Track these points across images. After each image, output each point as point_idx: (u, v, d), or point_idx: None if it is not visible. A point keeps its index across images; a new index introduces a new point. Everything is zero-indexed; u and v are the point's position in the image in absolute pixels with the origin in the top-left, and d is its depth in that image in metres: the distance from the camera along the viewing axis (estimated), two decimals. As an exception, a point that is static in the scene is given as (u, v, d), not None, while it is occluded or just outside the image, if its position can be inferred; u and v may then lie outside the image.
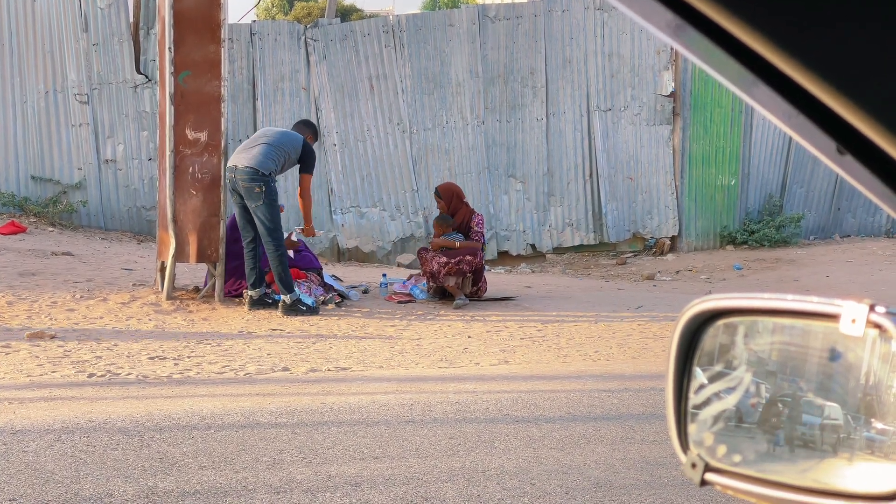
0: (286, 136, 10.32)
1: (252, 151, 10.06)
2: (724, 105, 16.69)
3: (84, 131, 14.82)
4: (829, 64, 0.94)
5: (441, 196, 11.62)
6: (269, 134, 10.37)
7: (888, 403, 1.16)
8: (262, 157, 10.03)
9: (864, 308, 1.12)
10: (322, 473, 5.02)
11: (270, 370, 7.87)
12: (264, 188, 9.99)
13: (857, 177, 1.04)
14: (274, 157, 10.09)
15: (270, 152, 10.07)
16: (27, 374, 7.35)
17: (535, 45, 16.22)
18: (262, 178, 10.00)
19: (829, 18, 0.92)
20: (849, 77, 0.94)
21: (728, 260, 15.89)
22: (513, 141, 16.23)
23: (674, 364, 1.29)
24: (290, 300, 10.13)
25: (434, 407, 6.52)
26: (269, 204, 10.03)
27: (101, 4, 14.79)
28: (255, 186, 9.97)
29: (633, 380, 7.65)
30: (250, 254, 10.17)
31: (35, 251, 12.24)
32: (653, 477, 5.13)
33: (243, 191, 9.99)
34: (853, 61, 0.94)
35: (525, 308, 11.34)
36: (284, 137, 10.29)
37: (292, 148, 10.23)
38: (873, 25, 0.92)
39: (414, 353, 8.78)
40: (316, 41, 15.59)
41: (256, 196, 9.98)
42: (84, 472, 4.90)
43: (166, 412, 6.19)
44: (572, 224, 16.50)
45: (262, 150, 10.06)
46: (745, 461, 1.25)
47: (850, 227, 18.13)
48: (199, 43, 10.18)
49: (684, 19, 0.98)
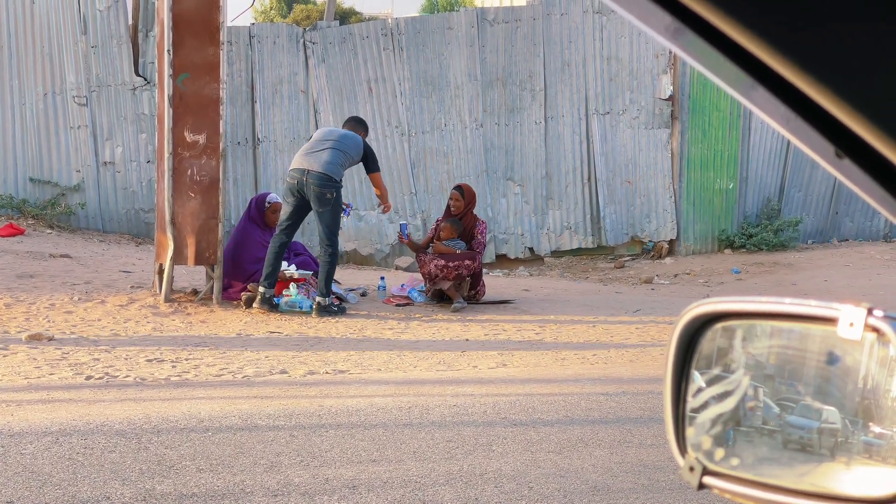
0: (348, 139, 10.42)
1: (322, 156, 10.14)
2: (722, 109, 16.70)
3: (82, 133, 14.81)
4: (827, 67, 0.94)
5: (463, 194, 11.58)
6: (334, 137, 10.42)
7: (886, 407, 1.16)
8: (334, 163, 10.17)
9: (863, 312, 1.12)
10: (320, 476, 5.02)
11: (268, 373, 7.87)
12: (335, 194, 10.18)
13: (856, 181, 1.04)
14: (343, 162, 10.27)
15: (339, 158, 10.22)
16: (25, 377, 7.35)
17: (534, 49, 16.22)
18: (335, 184, 10.18)
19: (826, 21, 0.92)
20: (847, 80, 0.94)
21: (726, 263, 15.89)
22: (511, 144, 16.23)
23: (672, 367, 1.29)
24: (325, 303, 10.31)
25: (432, 410, 6.52)
26: (336, 209, 10.26)
27: (100, 7, 14.79)
28: (328, 192, 10.13)
29: (631, 383, 7.65)
30: (278, 251, 10.22)
31: (33, 253, 12.23)
32: (651, 480, 5.14)
33: (314, 195, 10.10)
34: (851, 64, 0.94)
35: (523, 311, 11.34)
36: (347, 140, 10.40)
37: (355, 150, 10.38)
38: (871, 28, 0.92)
39: (412, 355, 8.78)
40: (315, 44, 15.60)
41: (327, 202, 10.15)
42: (81, 475, 4.90)
43: (164, 415, 6.18)
44: (570, 227, 16.50)
45: (333, 156, 10.17)
46: (743, 465, 1.25)
47: (848, 230, 18.12)
48: (198, 45, 10.18)
49: (682, 22, 0.98)
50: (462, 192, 11.59)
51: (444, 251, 11.25)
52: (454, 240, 11.37)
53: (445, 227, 11.49)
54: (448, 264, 11.05)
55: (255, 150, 15.38)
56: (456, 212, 11.55)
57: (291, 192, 10.22)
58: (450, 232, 11.40)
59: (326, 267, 10.27)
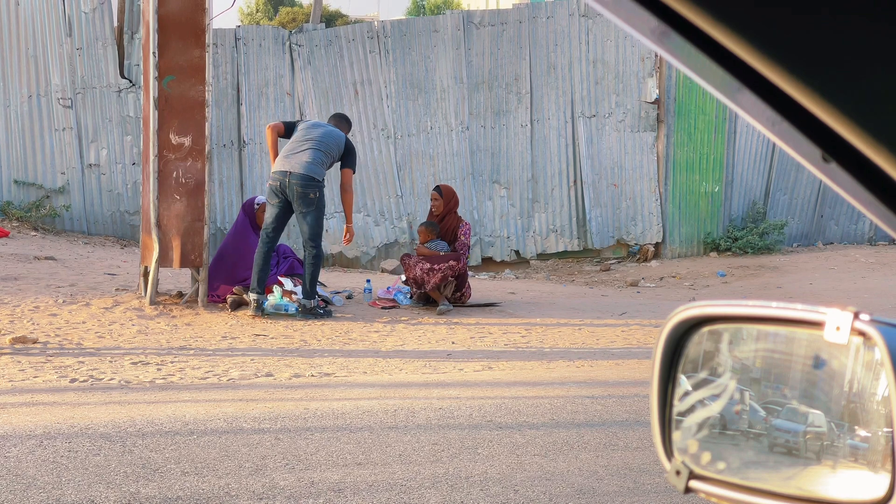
0: (330, 136, 10.37)
1: (303, 157, 10.11)
2: (707, 112, 16.74)
3: (68, 136, 14.76)
4: (813, 70, 0.94)
5: (442, 194, 11.59)
6: (314, 136, 10.33)
7: (871, 411, 1.16)
8: (315, 163, 10.14)
9: (849, 316, 1.12)
10: (305, 479, 5.01)
11: (254, 375, 7.86)
12: (318, 194, 10.15)
13: (842, 184, 1.04)
14: (323, 161, 10.24)
15: (320, 157, 10.20)
16: (9, 380, 7.32)
17: (520, 52, 16.24)
18: (318, 184, 10.16)
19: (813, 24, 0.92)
20: (834, 83, 0.94)
21: (712, 267, 15.93)
22: (497, 147, 16.24)
23: (658, 371, 1.29)
24: (310, 305, 10.31)
25: (418, 413, 6.51)
26: (319, 210, 10.24)
27: (86, 9, 14.75)
28: (311, 193, 10.11)
29: (617, 386, 7.66)
30: (265, 257, 10.18)
31: (17, 255, 12.19)
32: (636, 484, 5.14)
33: (298, 196, 10.07)
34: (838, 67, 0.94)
35: (509, 314, 11.34)
36: (328, 138, 10.35)
37: (336, 148, 10.36)
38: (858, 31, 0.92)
39: (398, 358, 8.77)
40: (301, 46, 15.58)
41: (310, 202, 10.11)
42: (66, 478, 4.88)
43: (149, 418, 6.17)
44: (556, 230, 16.51)
45: (314, 156, 10.14)
46: (729, 468, 1.25)
47: (833, 234, 18.18)
48: (184, 48, 10.17)
49: (669, 25, 0.97)
50: (441, 192, 11.61)
51: (427, 254, 11.25)
52: (435, 241, 11.37)
53: (421, 231, 11.53)
54: (433, 267, 11.04)
55: (241, 152, 15.36)
56: (437, 212, 11.56)
57: (275, 194, 10.20)
58: (426, 234, 11.42)
59: (311, 269, 10.25)
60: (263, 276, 10.21)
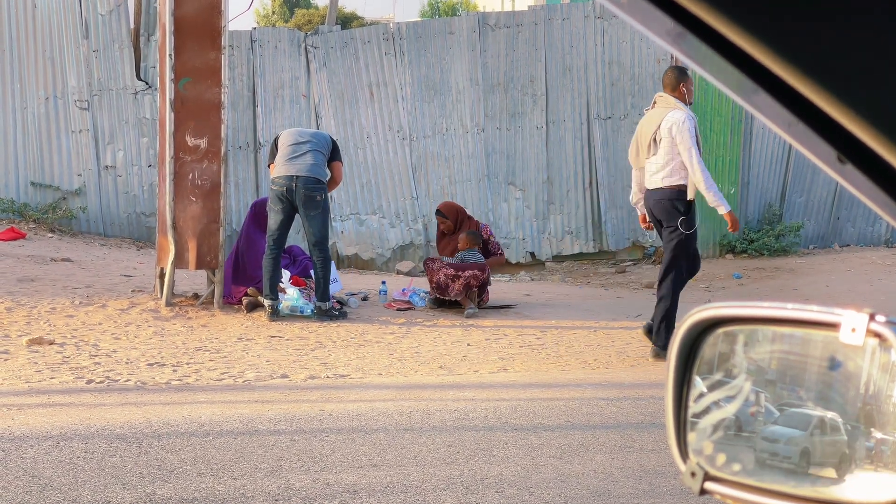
0: (319, 136, 10.48)
1: (305, 160, 10.12)
2: (723, 114, 16.69)
3: (84, 137, 14.81)
4: (829, 71, 0.94)
5: (446, 216, 11.66)
6: (306, 138, 10.37)
7: (888, 413, 1.15)
8: (318, 164, 10.17)
9: (865, 317, 1.11)
10: (320, 481, 5.01)
11: (269, 377, 7.87)
12: (323, 196, 10.18)
13: (858, 186, 1.03)
14: (322, 161, 10.26)
15: (320, 158, 10.24)
16: (26, 381, 7.35)
17: (536, 54, 16.22)
18: (323, 186, 10.20)
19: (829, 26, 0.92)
20: (849, 84, 0.94)
21: (727, 268, 15.88)
22: (512, 149, 16.23)
23: (673, 372, 1.29)
24: (326, 307, 10.31)
25: (433, 414, 6.51)
26: (325, 212, 10.27)
27: (102, 11, 14.80)
28: (317, 195, 10.12)
29: (632, 388, 7.64)
30: (274, 264, 10.17)
31: (34, 257, 12.23)
32: (652, 486, 5.13)
33: (304, 199, 10.06)
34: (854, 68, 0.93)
35: (524, 316, 11.33)
36: (319, 137, 10.44)
37: (327, 146, 10.39)
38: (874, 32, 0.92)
39: (413, 360, 8.77)
40: (316, 48, 15.60)
41: (317, 204, 10.12)
42: (82, 479, 4.89)
43: (165, 419, 6.18)
44: (572, 232, 16.49)
45: (315, 158, 10.17)
46: (744, 470, 1.25)
47: (849, 236, 18.11)
48: (200, 50, 10.19)
49: (685, 27, 0.98)
50: (443, 213, 11.75)
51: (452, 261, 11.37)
52: (472, 251, 11.46)
53: (463, 238, 11.54)
54: (457, 273, 11.08)
55: (257, 154, 15.38)
56: (448, 231, 11.63)
57: (280, 200, 10.15)
58: (467, 243, 11.49)
59: (323, 271, 10.26)
60: (275, 282, 10.21)
